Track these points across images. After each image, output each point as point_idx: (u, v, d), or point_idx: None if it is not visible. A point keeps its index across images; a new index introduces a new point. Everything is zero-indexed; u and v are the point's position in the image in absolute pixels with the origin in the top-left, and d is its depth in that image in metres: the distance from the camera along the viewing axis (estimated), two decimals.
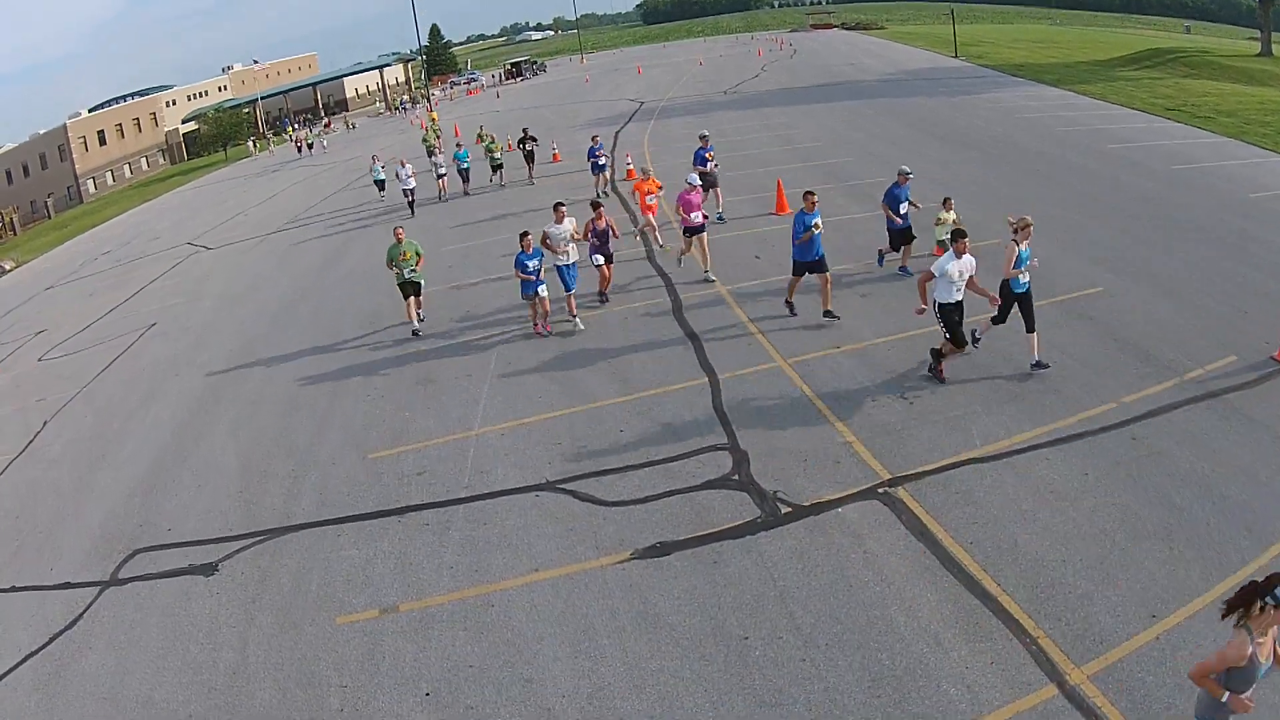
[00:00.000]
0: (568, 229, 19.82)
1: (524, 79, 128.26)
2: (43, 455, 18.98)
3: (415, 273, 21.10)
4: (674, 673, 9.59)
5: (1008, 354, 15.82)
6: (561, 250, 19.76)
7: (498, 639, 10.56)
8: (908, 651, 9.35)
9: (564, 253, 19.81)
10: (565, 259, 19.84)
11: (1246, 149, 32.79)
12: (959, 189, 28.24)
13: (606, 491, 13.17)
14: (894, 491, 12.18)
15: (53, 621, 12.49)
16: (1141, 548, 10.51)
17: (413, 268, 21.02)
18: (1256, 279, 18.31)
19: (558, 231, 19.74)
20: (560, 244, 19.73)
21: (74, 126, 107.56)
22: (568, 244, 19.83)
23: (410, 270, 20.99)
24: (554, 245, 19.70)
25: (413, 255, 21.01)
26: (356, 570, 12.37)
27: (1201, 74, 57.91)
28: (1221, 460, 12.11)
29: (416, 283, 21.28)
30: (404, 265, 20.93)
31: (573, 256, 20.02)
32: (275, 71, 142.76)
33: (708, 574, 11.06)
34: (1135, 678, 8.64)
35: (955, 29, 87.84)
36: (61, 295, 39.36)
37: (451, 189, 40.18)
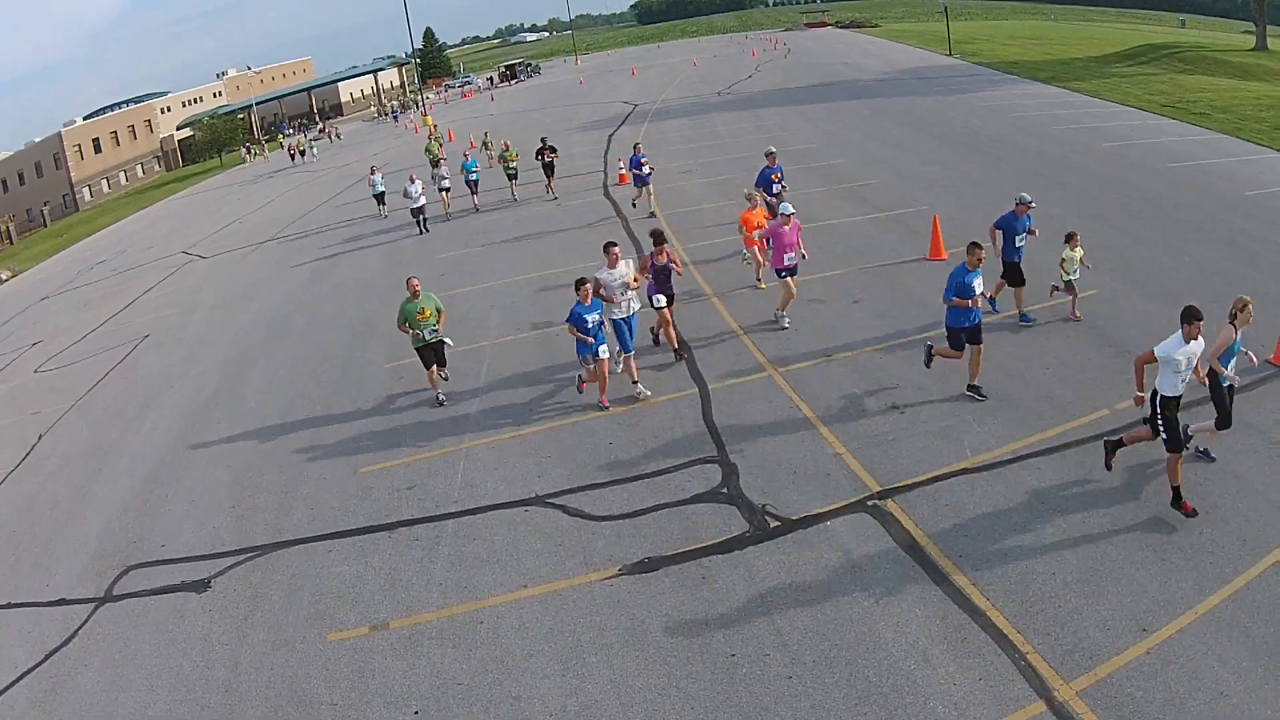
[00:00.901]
0: (623, 274, 16.60)
1: (518, 81, 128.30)
2: (39, 469, 18.96)
3: (437, 333, 17.44)
4: (661, 690, 9.57)
5: (1001, 361, 15.81)
6: (617, 300, 16.46)
7: (486, 656, 10.55)
8: (895, 668, 9.33)
9: (620, 304, 16.51)
10: (621, 311, 16.54)
11: (1242, 145, 32.79)
12: (956, 189, 28.37)
13: (595, 506, 13.16)
14: (883, 504, 12.16)
15: (49, 638, 12.51)
16: (1132, 559, 10.48)
17: (434, 327, 17.34)
18: (1255, 278, 18.27)
19: (611, 278, 16.47)
20: (615, 293, 16.40)
21: (69, 134, 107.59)
22: (625, 293, 16.53)
23: (431, 330, 17.33)
24: (608, 295, 16.35)
25: (432, 312, 17.30)
26: (347, 586, 12.35)
27: (1197, 69, 57.90)
28: (1215, 467, 12.10)
29: (439, 345, 17.69)
30: (423, 325, 17.22)
31: (632, 306, 16.73)
32: (270, 77, 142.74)
33: (695, 590, 11.05)
34: (1125, 693, 8.62)
35: (949, 26, 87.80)
36: (57, 305, 39.31)
37: (458, 204, 37.00)
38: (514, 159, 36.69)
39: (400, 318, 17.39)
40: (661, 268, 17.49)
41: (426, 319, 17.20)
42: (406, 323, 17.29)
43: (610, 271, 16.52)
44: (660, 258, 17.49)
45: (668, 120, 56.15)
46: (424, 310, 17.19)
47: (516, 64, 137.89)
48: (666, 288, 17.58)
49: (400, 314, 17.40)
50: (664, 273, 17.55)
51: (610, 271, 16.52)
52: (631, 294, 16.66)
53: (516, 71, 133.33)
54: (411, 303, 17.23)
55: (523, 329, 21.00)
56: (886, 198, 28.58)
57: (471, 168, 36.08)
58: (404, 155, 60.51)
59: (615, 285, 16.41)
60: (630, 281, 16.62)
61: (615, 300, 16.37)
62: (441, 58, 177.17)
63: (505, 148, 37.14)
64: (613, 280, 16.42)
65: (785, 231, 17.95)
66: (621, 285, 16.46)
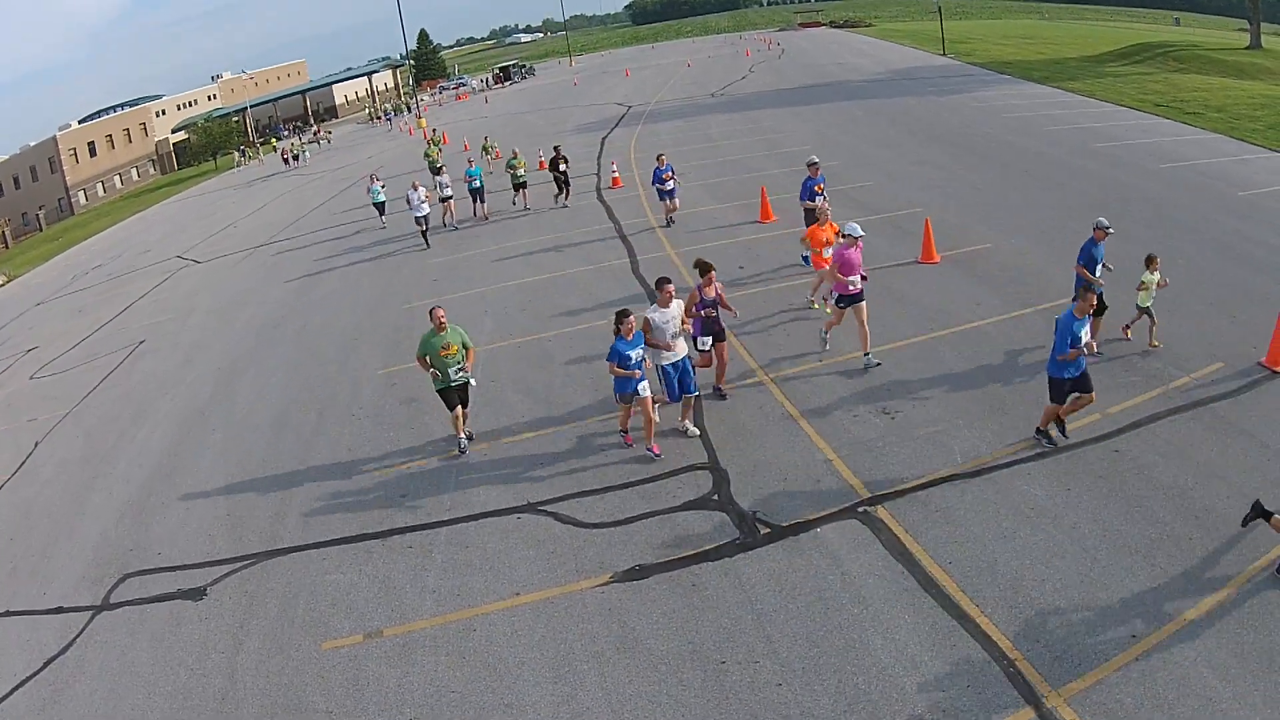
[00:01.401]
0: (677, 314, 14.41)
1: (512, 83, 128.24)
2: (35, 476, 18.97)
3: (464, 373, 15.30)
4: (652, 698, 9.62)
5: (992, 366, 15.88)
6: (667, 345, 14.26)
7: (479, 664, 10.60)
8: (884, 675, 9.39)
9: (670, 347, 14.30)
10: (673, 355, 14.35)
11: (1236, 145, 32.94)
12: (949, 191, 28.45)
13: (587, 513, 13.20)
14: (873, 510, 12.21)
15: (47, 646, 12.54)
16: (1122, 565, 10.54)
17: (460, 365, 15.19)
18: (1247, 280, 18.35)
19: (663, 319, 14.22)
20: (667, 336, 14.23)
21: (64, 138, 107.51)
22: (677, 335, 14.34)
23: (457, 370, 15.18)
24: (657, 339, 14.27)
25: (459, 349, 15.15)
26: (341, 594, 12.39)
27: (1190, 68, 58.05)
28: (1206, 472, 12.15)
29: (465, 385, 15.55)
30: (448, 363, 15.04)
31: (682, 351, 14.52)
32: (265, 79, 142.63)
33: (686, 597, 11.10)
34: (1114, 699, 8.67)
35: (943, 26, 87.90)
36: (52, 311, 39.30)
37: (461, 212, 35.44)
38: (522, 167, 34.92)
39: (421, 350, 15.14)
40: (710, 302, 15.33)
41: (452, 356, 15.05)
42: (427, 357, 15.03)
43: (663, 311, 14.25)
44: (709, 290, 15.29)
45: (661, 122, 56.21)
46: (449, 346, 15.02)
47: (510, 66, 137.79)
48: (715, 326, 15.52)
49: (421, 346, 15.15)
50: (712, 309, 15.41)
51: (663, 311, 14.25)
52: (682, 337, 14.51)
53: (510, 73, 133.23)
54: (436, 336, 14.99)
55: (515, 335, 21.02)
56: (879, 200, 28.66)
57: (476, 175, 34.43)
58: (399, 159, 60.52)
59: (668, 328, 14.20)
60: (683, 323, 14.58)
61: (668, 346, 14.23)
62: (436, 59, 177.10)
63: (514, 155, 35.43)
64: (666, 322, 14.21)
65: (851, 254, 15.99)
66: (674, 328, 14.28)
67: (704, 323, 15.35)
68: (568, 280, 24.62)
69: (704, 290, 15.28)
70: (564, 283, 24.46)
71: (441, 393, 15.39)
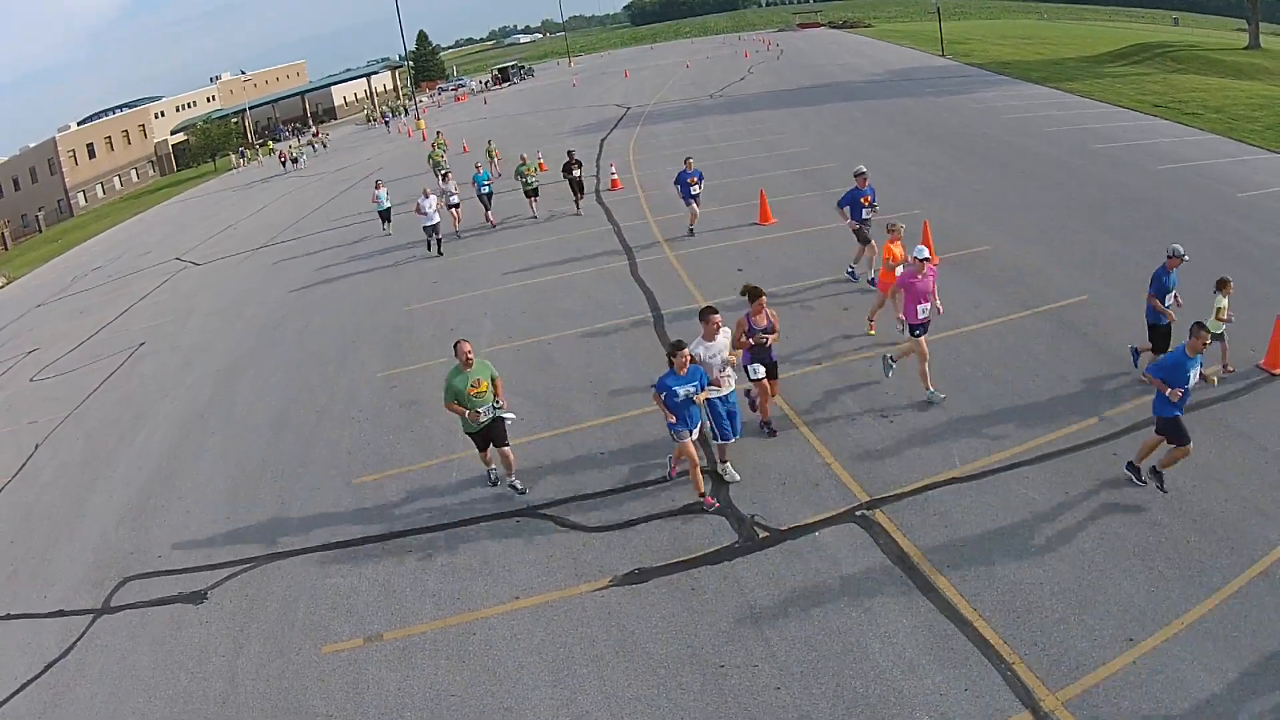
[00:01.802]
0: (724, 345, 13.28)
1: (511, 84, 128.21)
2: (36, 479, 18.99)
3: (498, 408, 13.82)
4: (651, 701, 9.67)
5: (989, 369, 15.90)
6: (715, 381, 13.01)
7: (479, 668, 10.64)
8: (882, 679, 9.43)
9: (718, 383, 13.06)
10: (720, 388, 13.08)
11: (1235, 145, 32.95)
12: (947, 193, 28.46)
13: (587, 517, 13.24)
14: (872, 514, 12.25)
15: (48, 650, 12.58)
16: (1120, 568, 10.58)
17: (493, 403, 13.70)
18: (1246, 281, 18.29)
19: (709, 353, 13.04)
20: (714, 371, 13.01)
21: (63, 140, 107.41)
22: (724, 368, 13.16)
23: (490, 408, 13.66)
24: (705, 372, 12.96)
25: (488, 386, 13.65)
26: (341, 598, 12.43)
27: (1189, 68, 58.04)
28: (1204, 475, 12.18)
29: (500, 422, 14.00)
30: (479, 402, 13.52)
31: (729, 384, 13.26)
32: (264, 81, 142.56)
33: (685, 601, 11.14)
34: (1111, 703, 8.72)
35: (941, 26, 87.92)
36: (52, 313, 39.28)
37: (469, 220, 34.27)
38: (532, 173, 33.41)
39: (448, 394, 13.58)
40: (762, 329, 13.92)
41: (482, 394, 13.51)
42: (457, 400, 13.53)
43: (709, 345, 13.05)
44: (759, 318, 13.90)
45: (660, 124, 56.21)
46: (479, 383, 13.50)
47: (509, 67, 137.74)
48: (765, 354, 14.18)
49: (447, 390, 13.57)
50: (763, 336, 13.99)
51: (709, 345, 13.05)
52: (731, 370, 13.30)
53: (509, 74, 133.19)
54: (462, 374, 13.47)
55: (515, 338, 21.06)
56: (879, 202, 28.58)
57: (483, 180, 33.27)
58: (398, 161, 60.54)
59: (715, 362, 13.03)
60: (731, 356, 13.39)
61: (716, 382, 13.00)
62: (435, 60, 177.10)
63: (522, 160, 33.76)
64: (713, 356, 13.02)
65: (920, 280, 14.66)
66: (722, 361, 13.11)
67: (754, 352, 14.04)
68: (567, 283, 24.64)
69: (754, 318, 13.87)
70: (563, 285, 24.48)
71: (473, 435, 13.89)
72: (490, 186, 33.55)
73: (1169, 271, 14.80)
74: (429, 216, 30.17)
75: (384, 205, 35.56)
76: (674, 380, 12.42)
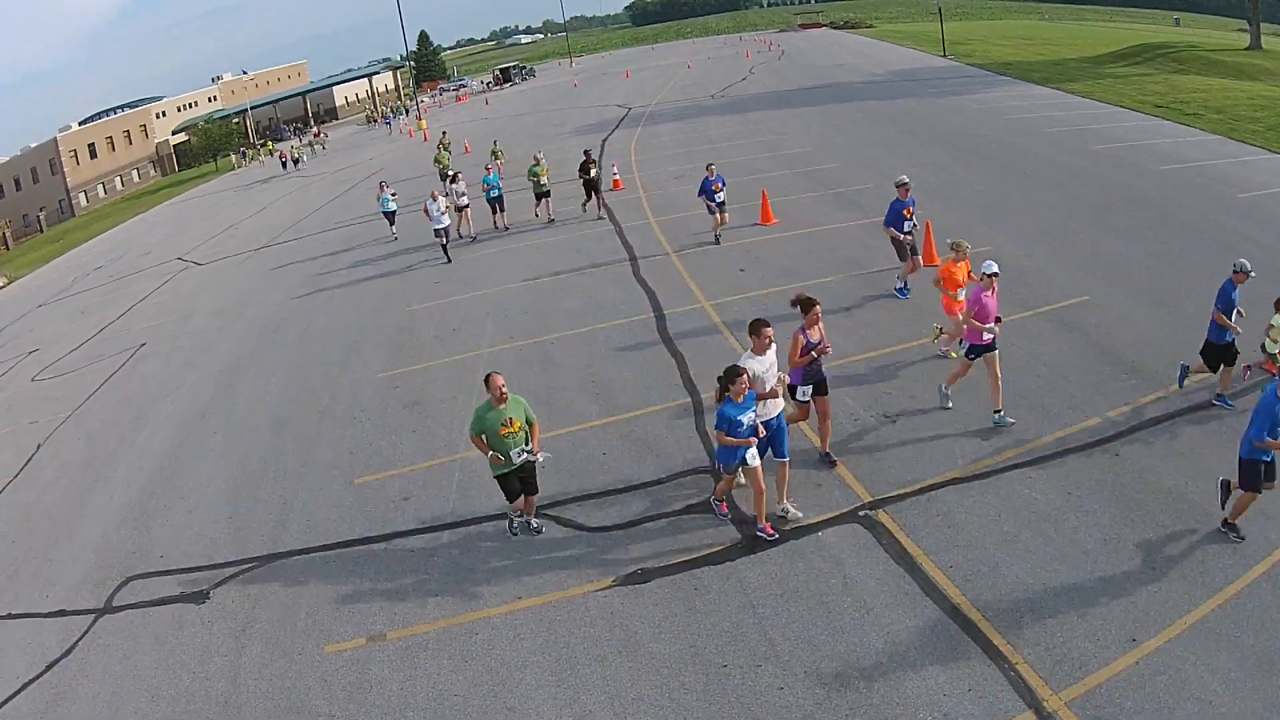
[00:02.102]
0: (775, 362, 12.30)
1: (512, 84, 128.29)
2: (37, 479, 19.02)
3: (529, 452, 12.44)
4: (654, 701, 9.65)
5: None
6: (767, 395, 12.14)
7: (482, 668, 10.63)
8: (885, 679, 9.42)
9: (770, 396, 12.20)
10: (768, 412, 12.15)
11: (1237, 146, 32.93)
12: (948, 194, 28.44)
13: (589, 517, 13.22)
14: (874, 514, 12.25)
15: (49, 649, 12.57)
16: (1123, 569, 10.56)
17: (524, 446, 12.40)
18: (1249, 283, 18.31)
19: (761, 367, 11.99)
20: (765, 388, 12.04)
21: (64, 140, 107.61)
22: (774, 387, 12.24)
23: (521, 451, 12.35)
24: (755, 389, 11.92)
25: (522, 426, 12.39)
26: (344, 598, 12.41)
27: (1190, 69, 58.03)
28: (1206, 476, 12.08)
29: (531, 467, 12.73)
30: (509, 444, 12.27)
31: (778, 407, 12.39)
32: (265, 81, 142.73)
33: (688, 601, 11.13)
34: (1114, 703, 8.70)
35: (943, 27, 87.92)
36: (54, 313, 39.34)
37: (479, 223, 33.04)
38: (544, 174, 32.13)
39: (475, 428, 12.41)
40: (814, 345, 12.86)
41: (514, 434, 12.28)
42: (483, 436, 12.36)
43: (759, 359, 12.00)
44: (813, 331, 12.87)
45: (661, 124, 56.25)
46: (511, 422, 12.25)
47: (510, 67, 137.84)
48: (817, 374, 13.13)
49: (475, 423, 12.40)
50: (815, 352, 12.90)
51: (759, 359, 12.00)
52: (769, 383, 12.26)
53: (511, 74, 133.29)
54: (493, 410, 12.24)
55: (516, 338, 21.06)
56: (878, 203, 28.49)
57: (493, 183, 31.91)
58: (400, 161, 60.59)
59: (767, 378, 12.06)
60: (781, 375, 12.54)
61: (763, 395, 12.06)
62: (436, 61, 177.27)
63: (535, 161, 32.39)
64: (764, 371, 12.01)
65: (988, 299, 13.82)
66: (773, 378, 12.20)
67: (805, 370, 12.96)
68: (569, 283, 24.64)
69: (807, 332, 12.82)
70: (565, 285, 24.48)
71: (501, 478, 12.58)
72: (500, 189, 32.38)
73: (1235, 287, 14.16)
74: (437, 220, 29.15)
75: (389, 207, 34.78)
76: (734, 409, 11.37)
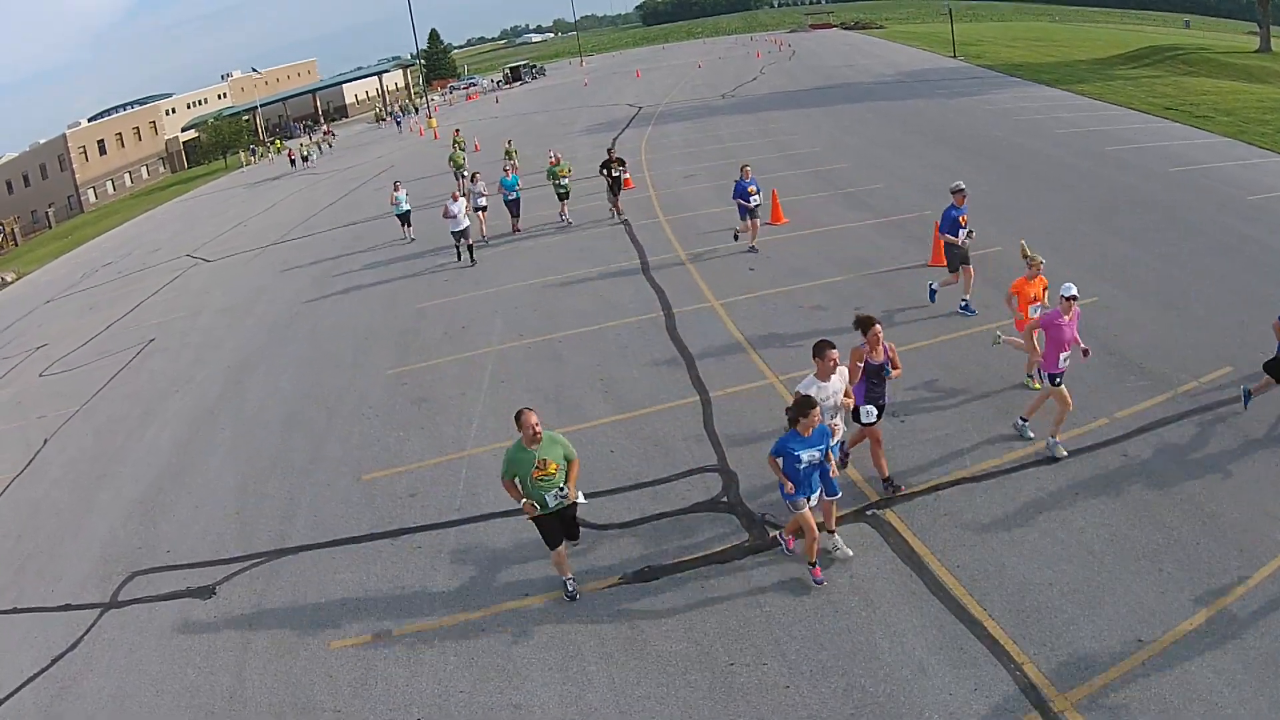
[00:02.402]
0: (840, 389, 11.57)
1: (523, 84, 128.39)
2: (44, 474, 19.07)
3: (564, 495, 11.12)
4: (660, 699, 9.66)
5: (999, 370, 15.86)
6: (832, 425, 11.41)
7: (488, 664, 10.64)
8: (891, 678, 9.42)
9: (833, 428, 11.49)
10: (833, 436, 11.39)
11: (1246, 149, 32.80)
12: None
13: (596, 514, 13.20)
14: (882, 513, 12.24)
15: (54, 644, 12.61)
16: (1129, 570, 10.54)
17: (561, 488, 11.09)
18: (1256, 285, 18.30)
19: (823, 394, 11.19)
20: (827, 417, 11.14)
21: (73, 136, 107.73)
22: (837, 413, 11.62)
23: (558, 494, 11.07)
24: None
25: (559, 466, 11.06)
26: (350, 594, 12.43)
27: (1200, 72, 57.89)
28: (1213, 477, 12.12)
29: (568, 510, 11.49)
30: (544, 487, 10.99)
31: (840, 432, 12.04)
32: (275, 78, 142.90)
33: (694, 599, 11.14)
34: (1120, 704, 8.68)
35: (953, 28, 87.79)
36: (62, 308, 39.44)
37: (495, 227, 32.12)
38: (565, 174, 31.16)
39: (507, 471, 11.09)
40: (878, 366, 12.16)
41: (550, 477, 11.01)
42: (515, 479, 11.08)
43: (822, 385, 11.26)
44: (876, 352, 12.10)
45: (671, 123, 56.24)
46: (547, 464, 10.97)
47: (521, 66, 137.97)
48: (878, 394, 12.39)
49: (507, 467, 11.07)
50: (878, 374, 12.23)
51: (822, 385, 11.26)
52: (840, 416, 11.76)
53: (521, 73, 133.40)
54: (526, 452, 10.93)
55: (525, 335, 21.07)
56: (888, 203, 28.65)
57: (512, 185, 30.71)
58: (410, 160, 60.65)
59: (829, 405, 11.29)
60: (844, 399, 11.67)
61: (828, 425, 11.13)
62: (446, 59, 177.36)
63: (556, 161, 31.37)
64: (827, 398, 11.22)
65: (1064, 324, 12.83)
66: (834, 405, 11.46)
67: (868, 391, 12.25)
68: (578, 281, 24.65)
69: (870, 353, 12.08)
70: (574, 284, 24.49)
71: (538, 521, 11.29)
72: (519, 192, 31.21)
73: None
74: (457, 221, 27.95)
75: (403, 208, 33.25)
76: (797, 443, 10.55)
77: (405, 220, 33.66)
